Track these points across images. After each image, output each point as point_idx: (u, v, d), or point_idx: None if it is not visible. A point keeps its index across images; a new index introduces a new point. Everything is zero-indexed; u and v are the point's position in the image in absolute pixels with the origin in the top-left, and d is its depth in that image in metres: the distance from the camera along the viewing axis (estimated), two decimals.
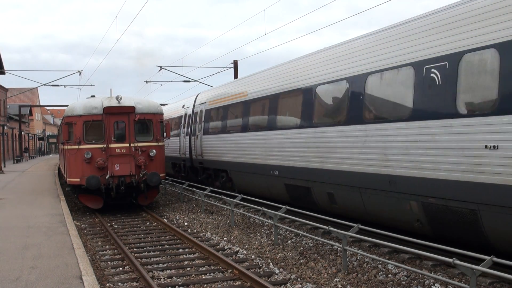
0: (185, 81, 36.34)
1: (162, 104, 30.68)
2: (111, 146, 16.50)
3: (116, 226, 14.64)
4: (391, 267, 8.96)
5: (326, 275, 8.80)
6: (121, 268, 9.85)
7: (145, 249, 11.48)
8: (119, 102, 16.75)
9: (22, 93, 64.33)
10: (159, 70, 33.95)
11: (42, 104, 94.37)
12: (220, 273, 9.22)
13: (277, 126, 13.87)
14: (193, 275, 9.08)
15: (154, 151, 16.96)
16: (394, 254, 9.86)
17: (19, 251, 9.79)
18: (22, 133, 59.81)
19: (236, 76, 33.06)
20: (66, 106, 20.94)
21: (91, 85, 55.78)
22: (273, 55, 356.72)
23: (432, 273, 8.42)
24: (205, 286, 8.44)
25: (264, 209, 12.40)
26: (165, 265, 9.94)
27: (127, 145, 16.64)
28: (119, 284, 8.66)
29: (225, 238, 12.41)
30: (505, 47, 7.30)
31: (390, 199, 9.64)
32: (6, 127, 51.20)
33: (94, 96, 18.19)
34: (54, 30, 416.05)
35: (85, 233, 13.67)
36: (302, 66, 13.07)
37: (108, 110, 16.59)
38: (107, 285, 8.58)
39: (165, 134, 18.14)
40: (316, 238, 10.54)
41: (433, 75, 8.55)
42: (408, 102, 9.07)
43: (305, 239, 11.64)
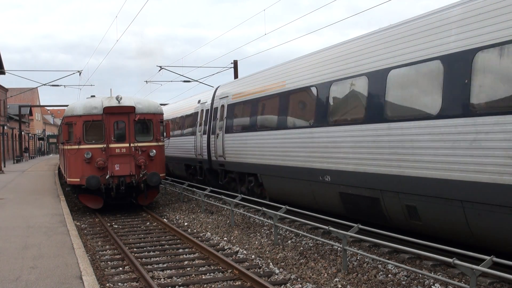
0: (185, 81, 36.38)
1: (162, 104, 30.69)
2: (111, 146, 16.51)
3: (116, 226, 14.65)
4: (391, 267, 8.96)
5: (326, 275, 8.80)
6: (121, 268, 9.85)
7: (145, 249, 11.48)
8: (119, 102, 16.76)
9: (22, 93, 64.39)
10: (159, 70, 33.98)
11: (42, 104, 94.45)
12: (220, 273, 9.23)
13: (329, 121, 11.49)
14: (193, 275, 9.09)
15: (154, 151, 16.97)
16: (394, 254, 9.87)
17: (19, 251, 9.80)
18: (22, 133, 59.80)
19: (236, 76, 32.99)
20: (66, 106, 20.94)
21: (91, 85, 55.92)
22: (273, 55, 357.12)
23: (432, 273, 8.42)
24: (205, 286, 8.44)
25: (264, 209, 12.39)
26: (165, 265, 9.94)
27: (127, 145, 16.64)
28: (119, 284, 8.67)
29: (225, 238, 12.42)
30: None
31: None
32: (6, 127, 51.21)
33: (94, 96, 18.19)
34: (54, 30, 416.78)
35: (85, 233, 13.67)
36: (371, 44, 10.25)
37: (108, 110, 16.59)
38: (107, 285, 8.58)
39: (165, 134, 18.15)
40: (316, 238, 10.54)
41: None
42: None
43: (305, 239, 11.64)
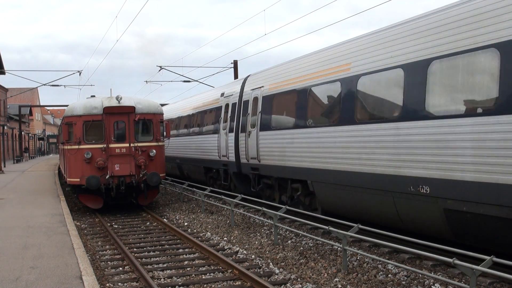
0: (185, 81, 36.38)
1: (162, 104, 30.67)
2: (111, 146, 16.50)
3: (116, 226, 14.65)
4: (391, 267, 8.96)
5: (326, 275, 8.80)
6: (121, 268, 9.85)
7: (145, 249, 11.48)
8: (119, 102, 16.76)
9: (22, 93, 64.43)
10: (159, 70, 33.98)
11: (42, 104, 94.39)
12: (220, 273, 9.23)
13: (431, 112, 8.63)
14: (193, 275, 9.09)
15: (154, 151, 16.97)
16: (394, 254, 9.87)
17: (19, 251, 9.80)
18: (22, 133, 59.80)
19: (236, 76, 32.84)
20: (66, 106, 20.94)
21: (91, 85, 56.04)
22: (273, 55, 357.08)
23: (432, 273, 8.42)
24: (205, 286, 8.44)
25: (264, 209, 12.39)
26: (165, 265, 9.94)
27: (127, 145, 16.64)
28: (119, 284, 8.67)
29: (225, 238, 12.41)
30: None
31: None
32: (6, 127, 51.21)
33: (94, 96, 18.20)
34: (54, 30, 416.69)
35: (85, 233, 13.67)
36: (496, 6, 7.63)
37: (108, 110, 16.59)
38: (107, 285, 8.58)
39: (165, 133, 18.15)
40: (316, 238, 10.54)
41: None
42: None
43: (305, 239, 11.64)
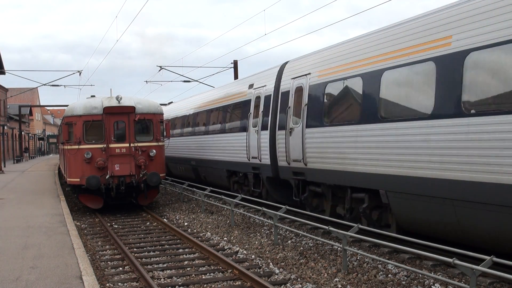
0: (185, 81, 36.39)
1: (162, 104, 30.67)
2: (111, 146, 16.51)
3: (116, 226, 14.65)
4: (391, 267, 8.96)
5: (326, 275, 8.80)
6: (121, 268, 9.85)
7: (145, 249, 11.48)
8: (119, 102, 16.76)
9: (22, 93, 64.41)
10: (159, 70, 33.97)
11: (42, 104, 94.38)
12: (220, 273, 9.23)
13: None
14: (193, 275, 9.09)
15: (154, 151, 16.97)
16: (394, 254, 9.87)
17: (19, 251, 9.80)
18: (22, 133, 59.79)
19: (236, 76, 32.83)
20: (66, 106, 20.94)
21: (91, 85, 56.11)
22: (273, 55, 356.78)
23: (432, 273, 8.42)
24: (205, 286, 8.44)
25: (264, 209, 12.39)
26: (165, 265, 9.94)
27: (127, 145, 16.64)
28: (119, 284, 8.67)
29: (225, 238, 12.41)
30: None
31: None
32: (6, 127, 51.19)
33: (94, 96, 18.20)
34: (54, 30, 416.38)
35: (85, 233, 13.67)
36: None
37: (108, 110, 16.59)
38: (107, 285, 8.58)
39: (165, 133, 18.15)
40: (316, 238, 10.54)
41: None
42: None
43: (305, 239, 11.64)
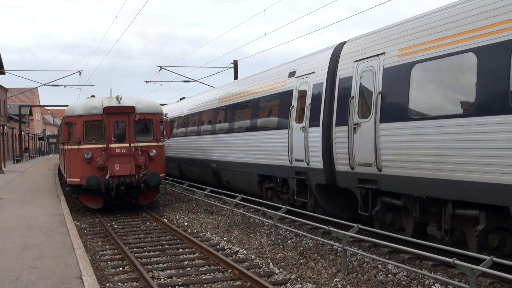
0: (185, 81, 36.39)
1: (162, 104, 30.66)
2: (111, 146, 16.50)
3: (116, 226, 14.65)
4: (391, 267, 8.96)
5: (326, 275, 8.80)
6: (121, 268, 9.85)
7: (145, 249, 11.48)
8: (119, 102, 16.76)
9: (22, 93, 64.41)
10: (159, 70, 33.96)
11: (42, 104, 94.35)
12: (220, 273, 9.23)
13: None
14: (193, 275, 9.09)
15: (154, 151, 16.97)
16: (394, 254, 9.86)
17: (19, 251, 9.80)
18: (22, 133, 59.79)
19: (236, 76, 32.78)
20: (66, 106, 20.95)
21: (91, 85, 56.11)
22: (273, 55, 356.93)
23: (432, 273, 8.42)
24: (205, 286, 8.44)
25: (264, 209, 12.39)
26: (165, 265, 9.94)
27: (127, 145, 16.64)
28: (119, 284, 8.67)
29: (225, 238, 12.41)
30: None
31: None
32: (6, 127, 51.20)
33: (94, 96, 18.21)
34: (54, 30, 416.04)
35: (85, 233, 13.67)
36: None
37: (108, 110, 16.59)
38: (107, 285, 8.58)
39: (165, 133, 18.16)
40: (316, 238, 10.54)
41: None
42: None
43: (305, 239, 11.64)
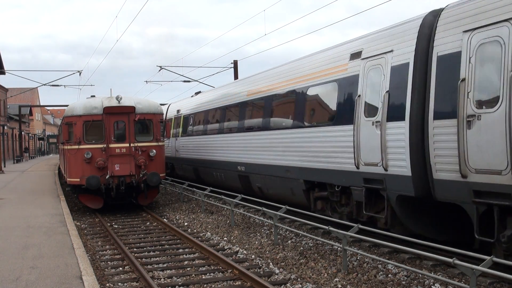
0: (185, 81, 36.39)
1: (162, 104, 30.63)
2: (111, 146, 16.50)
3: (116, 226, 14.65)
4: (391, 267, 8.96)
5: (326, 275, 8.80)
6: (121, 268, 9.85)
7: (145, 249, 11.48)
8: (119, 102, 16.76)
9: (22, 93, 64.41)
10: (159, 70, 33.95)
11: (42, 104, 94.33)
12: (220, 273, 9.23)
13: None
14: (193, 275, 9.09)
15: (154, 151, 16.97)
16: (394, 254, 9.87)
17: (19, 251, 9.80)
18: (22, 133, 59.78)
19: (236, 76, 32.79)
20: (66, 106, 20.95)
21: (91, 85, 56.10)
22: (273, 55, 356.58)
23: (432, 273, 8.42)
24: (205, 286, 8.44)
25: (264, 209, 12.39)
26: (165, 265, 9.94)
27: (127, 145, 16.64)
28: (119, 284, 8.67)
29: (225, 238, 12.41)
30: None
31: None
32: (6, 127, 51.20)
33: (94, 96, 18.21)
34: (54, 30, 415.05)
35: (85, 233, 13.67)
36: None
37: (108, 110, 16.59)
38: (107, 285, 8.58)
39: (165, 133, 18.16)
40: (316, 238, 10.54)
41: None
42: None
43: (305, 239, 11.64)
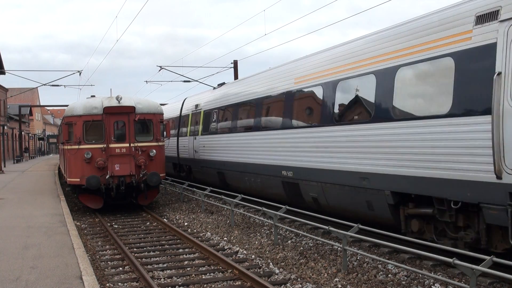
0: (185, 81, 36.36)
1: (162, 104, 30.64)
2: (111, 146, 16.50)
3: (116, 226, 14.65)
4: (391, 267, 8.96)
5: (326, 275, 8.80)
6: (121, 268, 9.86)
7: (145, 249, 11.48)
8: (119, 102, 16.76)
9: (22, 93, 64.38)
10: (159, 70, 33.92)
11: (42, 104, 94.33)
12: (220, 273, 9.23)
13: None
14: (193, 275, 9.09)
15: (154, 151, 16.97)
16: (394, 254, 9.87)
17: (19, 251, 9.80)
18: (22, 133, 59.78)
19: (236, 76, 32.80)
20: (66, 106, 20.95)
21: (91, 85, 56.05)
22: (273, 55, 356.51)
23: (432, 273, 8.42)
24: (205, 286, 8.44)
25: (264, 209, 12.39)
26: (165, 265, 9.95)
27: (127, 145, 16.64)
28: (119, 284, 8.67)
29: (225, 238, 12.41)
30: None
31: None
32: (6, 127, 51.21)
33: (94, 96, 18.22)
34: (54, 30, 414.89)
35: (85, 233, 13.67)
36: None
37: (108, 110, 16.59)
38: (107, 285, 8.58)
39: (165, 133, 18.17)
40: (316, 238, 10.54)
41: None
42: None
43: (305, 239, 11.64)
